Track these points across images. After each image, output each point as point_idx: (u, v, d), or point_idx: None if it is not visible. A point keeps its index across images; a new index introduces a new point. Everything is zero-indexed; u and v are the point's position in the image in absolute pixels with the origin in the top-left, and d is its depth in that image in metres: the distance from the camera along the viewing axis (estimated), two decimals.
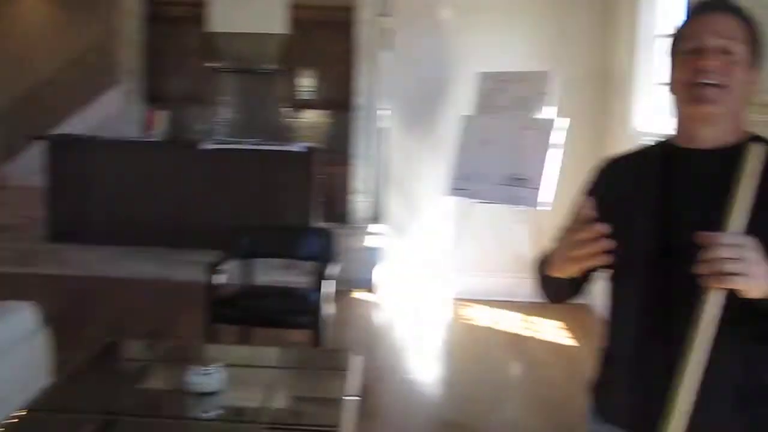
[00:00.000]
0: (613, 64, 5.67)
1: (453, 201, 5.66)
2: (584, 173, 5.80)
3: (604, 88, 5.75)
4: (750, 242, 1.27)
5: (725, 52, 1.48)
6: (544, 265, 1.57)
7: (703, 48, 1.49)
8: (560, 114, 5.15)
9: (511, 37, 5.66)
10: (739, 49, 1.49)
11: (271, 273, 4.90)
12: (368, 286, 5.99)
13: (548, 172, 4.87)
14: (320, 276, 3.99)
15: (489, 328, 5.25)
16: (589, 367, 1.67)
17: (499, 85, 5.33)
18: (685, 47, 1.52)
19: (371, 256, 6.41)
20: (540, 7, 5.65)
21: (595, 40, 5.71)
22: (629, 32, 5.24)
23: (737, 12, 1.53)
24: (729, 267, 1.23)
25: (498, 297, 5.65)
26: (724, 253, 1.24)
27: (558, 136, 4.92)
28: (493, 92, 5.35)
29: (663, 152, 1.58)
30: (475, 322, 5.36)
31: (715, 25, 1.51)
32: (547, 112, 5.07)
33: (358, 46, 8.28)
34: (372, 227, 7.45)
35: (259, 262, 4.29)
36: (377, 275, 5.96)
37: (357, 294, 5.91)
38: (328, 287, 3.95)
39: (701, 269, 1.25)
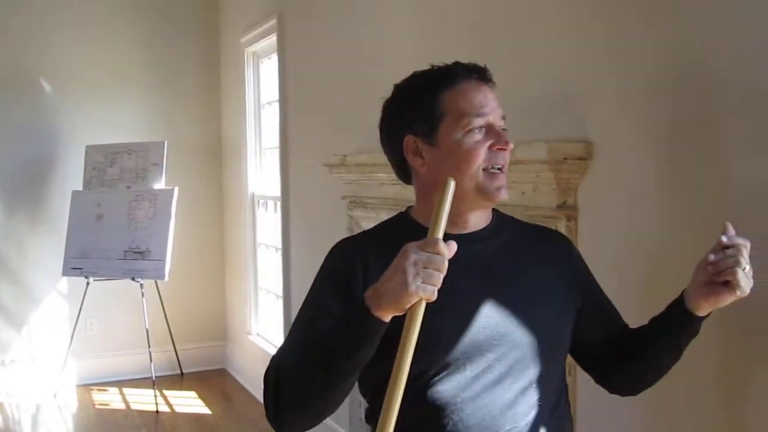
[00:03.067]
0: (226, 132, 5.84)
1: (69, 281, 5.34)
2: (205, 239, 5.86)
3: (219, 155, 5.90)
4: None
5: (503, 130, 1.39)
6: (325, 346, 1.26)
7: (493, 125, 1.37)
8: (177, 182, 5.19)
9: (120, 108, 5.53)
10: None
11: None
12: None
13: (167, 241, 4.85)
14: None
15: (123, 410, 4.99)
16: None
17: (110, 157, 5.20)
18: (477, 124, 1.35)
19: None
20: (150, 78, 5.62)
21: (206, 108, 5.83)
22: (238, 101, 5.45)
23: (493, 84, 1.43)
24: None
25: (129, 376, 5.42)
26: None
27: (172, 205, 4.94)
28: (102, 165, 5.20)
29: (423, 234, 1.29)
30: (108, 407, 5.07)
31: (494, 100, 1.39)
32: (161, 182, 5.07)
33: None
34: None
35: None
36: None
37: None
38: None
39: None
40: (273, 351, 5.33)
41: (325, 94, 3.98)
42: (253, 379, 5.20)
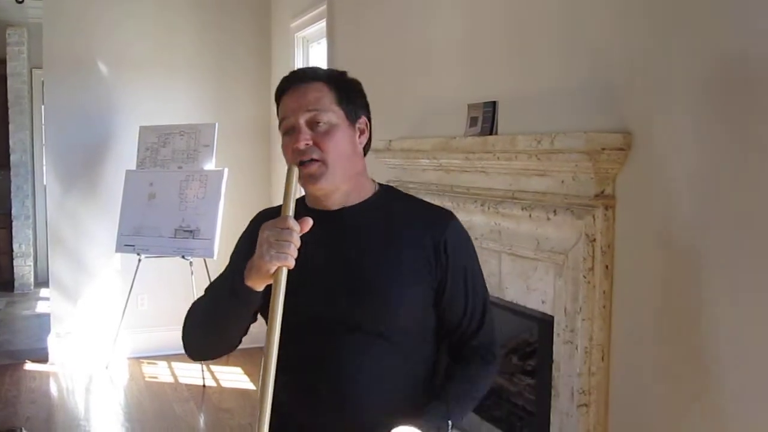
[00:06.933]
0: (275, 115, 5.94)
1: (122, 258, 5.53)
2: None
3: (268, 137, 6.01)
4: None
5: (315, 124, 1.52)
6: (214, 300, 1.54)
7: (294, 126, 1.52)
8: (227, 163, 5.31)
9: (172, 90, 5.69)
10: (329, 117, 1.52)
11: None
12: (42, 356, 5.59)
13: (216, 221, 4.98)
14: None
15: (171, 384, 5.17)
16: None
17: (162, 138, 5.35)
18: (283, 129, 1.56)
19: (42, 323, 6.00)
20: (202, 61, 5.76)
21: (257, 92, 5.94)
22: None
23: (319, 77, 1.57)
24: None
25: (177, 351, 5.59)
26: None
27: (221, 185, 5.06)
28: (155, 146, 5.35)
29: (304, 212, 1.53)
30: (157, 379, 5.25)
31: (299, 100, 1.53)
32: (211, 163, 5.20)
33: (12, 100, 7.76)
34: (41, 292, 6.96)
35: None
36: (50, 343, 5.59)
37: (30, 366, 5.49)
38: None
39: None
40: None
41: (372, 80, 4.00)
42: None
